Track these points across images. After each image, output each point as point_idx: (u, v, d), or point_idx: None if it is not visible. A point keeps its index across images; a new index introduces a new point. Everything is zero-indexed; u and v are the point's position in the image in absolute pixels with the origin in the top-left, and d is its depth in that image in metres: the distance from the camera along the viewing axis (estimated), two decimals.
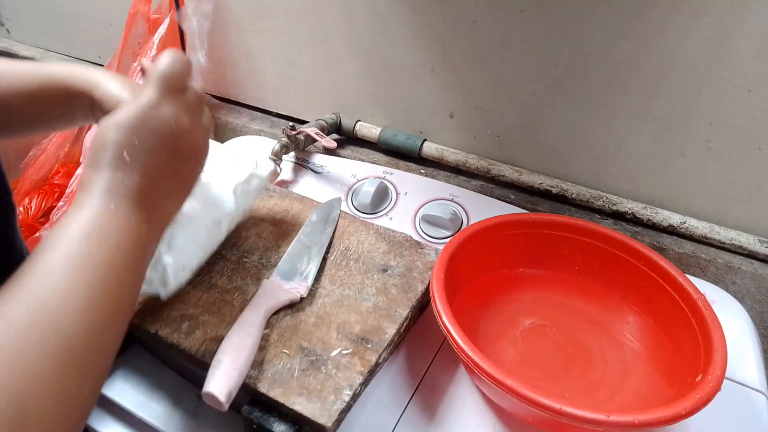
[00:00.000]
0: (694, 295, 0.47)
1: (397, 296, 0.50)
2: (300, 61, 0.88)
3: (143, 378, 0.48)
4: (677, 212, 0.69)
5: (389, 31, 0.77)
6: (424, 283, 0.51)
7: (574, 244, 0.56)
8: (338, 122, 0.87)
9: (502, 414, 0.46)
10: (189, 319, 0.46)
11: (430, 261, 0.54)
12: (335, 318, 0.47)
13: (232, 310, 0.47)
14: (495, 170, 0.77)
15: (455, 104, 0.78)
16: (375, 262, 0.53)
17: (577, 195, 0.73)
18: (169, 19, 0.88)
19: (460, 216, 0.67)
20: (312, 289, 0.50)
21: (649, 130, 0.66)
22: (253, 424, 0.41)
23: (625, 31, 0.62)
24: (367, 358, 0.44)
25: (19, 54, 1.27)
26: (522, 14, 0.66)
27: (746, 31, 0.56)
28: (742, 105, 0.60)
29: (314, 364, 0.43)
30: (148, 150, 0.34)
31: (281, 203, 0.61)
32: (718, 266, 0.67)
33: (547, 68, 0.68)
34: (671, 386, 0.46)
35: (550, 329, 0.53)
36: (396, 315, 0.48)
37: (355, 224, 0.58)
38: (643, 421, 0.37)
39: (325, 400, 0.40)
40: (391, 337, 0.46)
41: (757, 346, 0.54)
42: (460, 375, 0.49)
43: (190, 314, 0.47)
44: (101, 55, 1.18)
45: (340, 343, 0.45)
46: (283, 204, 0.61)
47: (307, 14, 0.83)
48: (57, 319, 0.27)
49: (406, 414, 0.46)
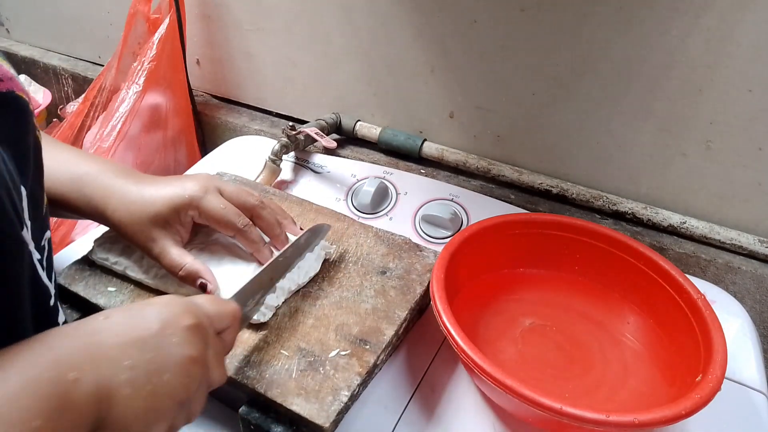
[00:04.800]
0: (694, 295, 0.47)
1: (395, 298, 0.49)
2: (300, 61, 0.88)
3: None
4: (677, 212, 0.69)
5: (389, 31, 0.77)
6: (423, 285, 0.51)
7: (574, 244, 0.56)
8: (338, 122, 0.86)
9: (502, 414, 0.46)
10: None
11: (429, 263, 0.53)
12: (334, 319, 0.47)
13: None
14: (495, 170, 0.77)
15: (455, 104, 0.78)
16: (374, 265, 0.53)
17: (577, 195, 0.73)
18: (169, 19, 0.88)
19: (460, 216, 0.67)
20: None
21: (649, 130, 0.66)
22: (250, 424, 0.41)
23: (625, 31, 0.62)
24: (366, 360, 0.43)
25: (19, 54, 1.27)
26: (522, 14, 0.66)
27: (746, 31, 0.56)
28: (742, 105, 0.60)
29: (312, 365, 0.43)
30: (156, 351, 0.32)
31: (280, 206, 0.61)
32: (718, 266, 0.67)
33: (547, 68, 0.68)
34: (671, 386, 0.46)
35: (550, 329, 0.53)
36: (395, 317, 0.48)
37: (354, 227, 0.58)
38: (643, 421, 0.37)
39: (323, 401, 0.40)
40: (389, 339, 0.46)
41: (757, 346, 0.54)
42: (460, 375, 0.49)
43: None
44: (101, 55, 1.18)
45: (339, 344, 0.45)
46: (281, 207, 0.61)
47: (307, 14, 0.83)
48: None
49: (406, 414, 0.46)
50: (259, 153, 0.75)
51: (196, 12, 0.94)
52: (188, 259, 0.46)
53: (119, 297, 0.49)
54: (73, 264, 0.52)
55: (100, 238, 0.52)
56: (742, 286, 0.67)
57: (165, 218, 0.46)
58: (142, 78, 0.88)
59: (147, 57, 0.88)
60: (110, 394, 0.29)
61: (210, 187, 0.47)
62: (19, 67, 1.28)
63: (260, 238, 0.49)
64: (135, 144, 0.91)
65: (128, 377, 0.30)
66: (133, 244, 0.47)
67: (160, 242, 0.46)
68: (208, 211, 0.46)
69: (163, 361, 0.31)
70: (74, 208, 0.47)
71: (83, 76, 1.17)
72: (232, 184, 0.50)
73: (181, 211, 0.46)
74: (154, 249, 0.46)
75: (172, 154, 0.97)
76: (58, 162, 0.47)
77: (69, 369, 0.28)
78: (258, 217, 0.49)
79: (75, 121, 0.96)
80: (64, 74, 1.21)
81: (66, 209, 0.47)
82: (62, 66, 1.20)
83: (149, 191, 0.46)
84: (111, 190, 0.46)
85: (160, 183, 0.47)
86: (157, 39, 0.88)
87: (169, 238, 0.46)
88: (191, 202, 0.46)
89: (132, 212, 0.45)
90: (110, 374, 0.29)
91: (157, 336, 0.32)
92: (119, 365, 0.30)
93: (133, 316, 0.33)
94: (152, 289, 0.49)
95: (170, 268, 0.46)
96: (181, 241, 0.48)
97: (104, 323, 0.32)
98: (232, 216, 0.47)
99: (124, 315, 0.33)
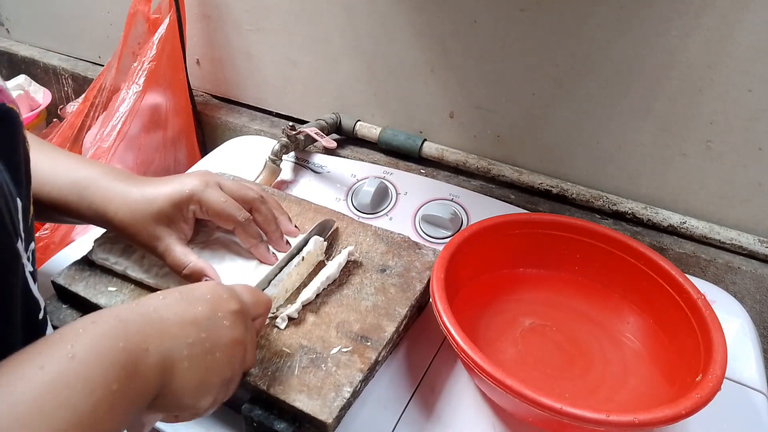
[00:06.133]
0: (694, 295, 0.47)
1: (395, 295, 0.50)
2: (300, 61, 0.88)
3: None
4: (677, 212, 0.69)
5: (389, 31, 0.77)
6: (423, 283, 0.51)
7: (574, 244, 0.56)
8: (338, 122, 0.87)
9: (502, 414, 0.46)
10: None
11: (428, 261, 0.54)
12: (335, 317, 0.47)
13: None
14: (495, 170, 0.77)
15: (455, 104, 0.78)
16: (373, 263, 0.53)
17: (577, 195, 0.73)
18: (168, 19, 0.88)
19: (460, 216, 0.67)
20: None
21: (649, 129, 0.66)
22: (253, 422, 0.41)
23: (625, 31, 0.62)
24: (367, 356, 0.44)
25: (19, 54, 1.27)
26: (522, 14, 0.66)
27: (746, 31, 0.56)
28: (742, 105, 0.60)
29: (314, 362, 0.43)
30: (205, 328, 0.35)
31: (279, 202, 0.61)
32: (718, 266, 0.67)
33: (547, 68, 0.68)
34: (671, 386, 0.46)
35: (550, 329, 0.53)
36: (395, 313, 0.48)
37: (353, 225, 0.58)
38: (643, 421, 0.37)
39: (325, 397, 0.40)
40: (390, 335, 0.46)
41: (757, 346, 0.54)
42: (460, 375, 0.49)
43: None
44: (101, 55, 1.18)
45: (340, 341, 0.45)
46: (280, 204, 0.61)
47: (307, 14, 0.83)
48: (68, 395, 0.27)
49: (406, 413, 0.46)
50: (259, 153, 0.75)
51: (196, 12, 0.94)
52: (192, 257, 0.46)
53: (119, 297, 0.49)
54: (73, 264, 0.52)
55: (100, 239, 0.53)
56: (742, 286, 0.67)
57: (168, 215, 0.46)
58: (142, 78, 0.88)
59: (147, 57, 0.88)
60: (173, 367, 0.32)
61: (210, 182, 0.48)
62: (19, 67, 1.28)
63: (258, 234, 0.50)
64: (135, 144, 0.91)
65: (188, 353, 0.33)
66: (136, 244, 0.48)
67: (164, 240, 0.46)
68: (209, 204, 0.47)
69: (216, 341, 0.34)
70: (75, 213, 0.47)
71: (83, 76, 1.17)
72: (231, 180, 0.50)
73: (182, 206, 0.46)
74: (158, 247, 0.46)
75: (172, 154, 0.97)
76: (58, 167, 0.47)
77: (141, 340, 0.31)
78: (256, 210, 0.50)
79: (75, 121, 0.96)
80: (64, 74, 1.21)
81: (67, 214, 0.47)
82: (62, 66, 1.20)
83: (150, 190, 0.46)
84: (112, 193, 0.46)
85: (160, 182, 0.48)
86: (157, 39, 0.88)
87: (173, 236, 0.47)
88: (192, 196, 0.46)
89: (134, 212, 0.45)
90: (173, 349, 0.32)
91: (211, 318, 0.35)
92: (181, 341, 0.33)
93: (187, 297, 0.36)
94: (153, 288, 0.49)
95: (174, 266, 0.46)
96: (185, 238, 0.48)
97: (162, 302, 0.34)
98: (233, 209, 0.48)
99: (179, 296, 0.35)
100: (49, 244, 0.82)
